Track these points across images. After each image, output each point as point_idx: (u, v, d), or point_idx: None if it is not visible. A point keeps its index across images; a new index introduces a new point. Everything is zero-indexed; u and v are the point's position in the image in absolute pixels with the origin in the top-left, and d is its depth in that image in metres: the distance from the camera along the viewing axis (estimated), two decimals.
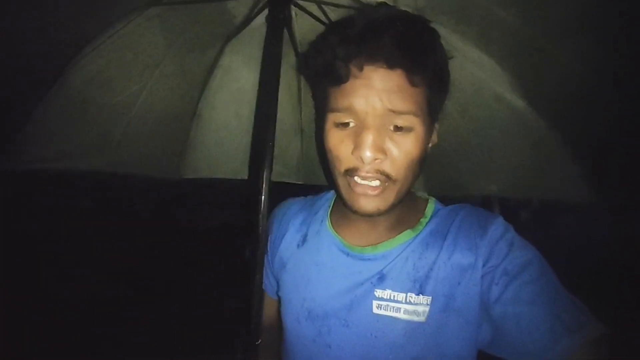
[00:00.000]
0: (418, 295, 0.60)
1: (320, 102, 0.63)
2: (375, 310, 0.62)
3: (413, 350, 0.60)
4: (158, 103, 1.01)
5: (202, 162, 1.22)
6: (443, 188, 1.16)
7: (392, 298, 0.61)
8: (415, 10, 0.68)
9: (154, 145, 1.11)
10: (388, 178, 0.58)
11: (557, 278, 0.57)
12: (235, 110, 1.10)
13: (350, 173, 0.59)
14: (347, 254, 0.67)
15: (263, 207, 0.74)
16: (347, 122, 0.58)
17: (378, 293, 0.62)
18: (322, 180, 1.07)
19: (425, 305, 0.60)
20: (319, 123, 0.65)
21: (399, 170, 0.57)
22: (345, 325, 0.63)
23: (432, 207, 0.69)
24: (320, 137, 0.63)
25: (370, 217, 0.61)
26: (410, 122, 0.56)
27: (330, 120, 0.60)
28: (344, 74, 0.55)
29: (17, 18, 0.68)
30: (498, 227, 0.61)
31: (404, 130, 0.56)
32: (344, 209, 0.68)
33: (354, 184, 0.59)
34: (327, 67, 0.57)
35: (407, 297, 0.61)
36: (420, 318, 0.60)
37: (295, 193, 0.87)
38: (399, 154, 0.57)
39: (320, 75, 0.60)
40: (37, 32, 0.72)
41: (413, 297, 0.61)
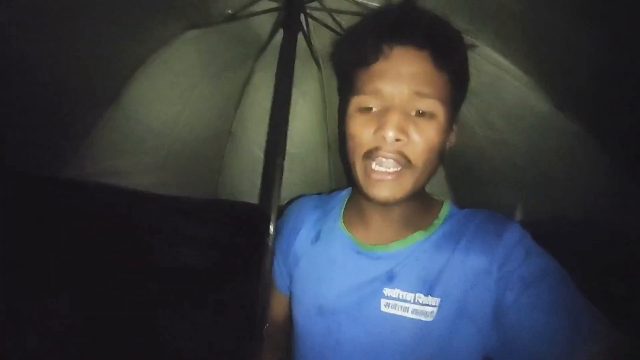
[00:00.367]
0: (427, 296, 0.60)
1: (346, 87, 0.66)
2: (384, 309, 0.62)
3: (420, 350, 0.60)
4: (197, 123, 1.11)
5: (237, 181, 1.28)
6: (470, 205, 1.05)
7: (400, 297, 0.62)
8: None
9: (193, 166, 1.20)
10: (407, 162, 0.58)
11: (574, 286, 0.55)
12: (267, 129, 1.16)
13: (370, 155, 0.59)
14: (358, 252, 0.68)
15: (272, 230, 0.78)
16: (370, 106, 0.59)
17: (387, 292, 0.63)
18: None
19: (434, 306, 0.59)
20: (342, 111, 0.66)
21: (419, 156, 0.58)
22: (354, 322, 0.64)
23: (446, 209, 0.68)
24: (342, 126, 0.66)
25: (386, 205, 0.61)
26: (434, 107, 0.57)
27: (354, 105, 0.61)
28: (374, 54, 0.58)
29: (81, 44, 0.83)
30: (515, 232, 0.60)
31: (427, 116, 0.58)
32: (358, 207, 0.71)
33: (371, 171, 0.59)
34: (358, 48, 0.60)
35: (415, 297, 0.61)
36: (428, 318, 0.59)
37: None
38: (420, 140, 0.57)
39: (351, 57, 0.63)
40: (95, 57, 0.86)
41: (422, 297, 0.61)
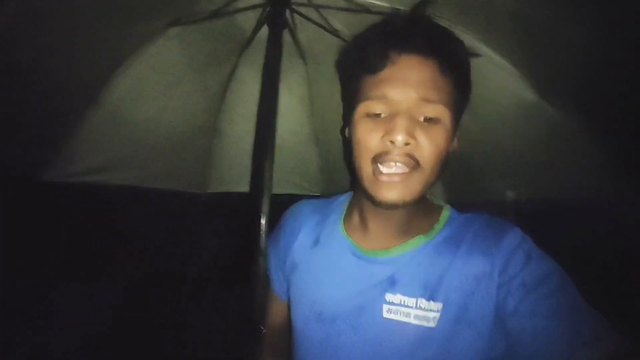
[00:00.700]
0: (429, 301, 0.60)
1: (352, 93, 0.65)
2: (385, 315, 0.61)
3: (421, 355, 0.59)
4: (182, 118, 1.10)
5: (225, 175, 1.28)
6: (461, 194, 1.10)
7: (402, 303, 0.61)
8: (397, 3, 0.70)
9: (180, 160, 1.19)
10: (416, 164, 0.58)
11: (576, 290, 0.55)
12: (252, 122, 1.16)
13: (378, 159, 0.59)
14: (358, 257, 0.67)
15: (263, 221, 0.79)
16: (378, 112, 0.59)
17: (388, 297, 0.62)
18: (342, 190, 1.07)
19: (436, 312, 0.59)
20: (347, 117, 0.67)
21: (427, 159, 0.58)
22: (354, 329, 0.63)
23: (446, 214, 0.68)
24: (347, 132, 0.66)
25: (394, 207, 0.60)
26: (440, 112, 0.58)
27: (361, 111, 0.61)
28: (382, 61, 0.59)
29: (55, 48, 0.80)
30: (515, 236, 0.60)
31: (434, 122, 0.58)
32: (359, 212, 0.70)
33: (379, 174, 0.59)
34: (366, 54, 0.61)
35: (417, 302, 0.60)
36: (430, 324, 0.59)
37: None
38: (428, 143, 0.58)
39: (358, 63, 0.63)
40: (72, 58, 0.84)
41: (424, 302, 0.60)
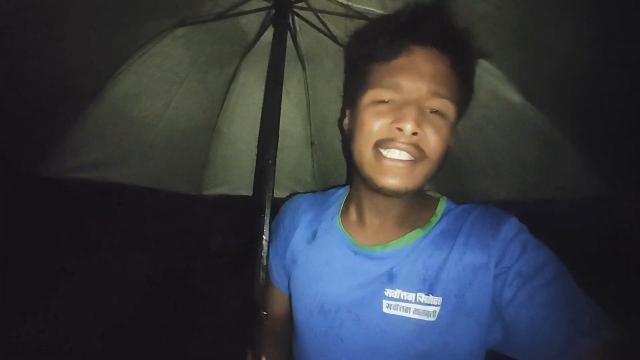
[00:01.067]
0: (428, 296, 0.60)
1: (360, 80, 0.65)
2: (385, 310, 0.62)
3: (422, 347, 0.60)
4: (182, 118, 1.11)
5: (221, 178, 1.29)
6: (449, 193, 1.13)
7: (402, 298, 0.61)
8: (394, 10, 0.73)
9: (177, 159, 1.20)
10: (422, 154, 0.58)
11: (572, 279, 0.55)
12: (251, 126, 1.18)
13: (382, 144, 0.59)
14: (356, 252, 0.68)
15: (266, 222, 0.78)
16: (386, 99, 0.60)
17: (388, 292, 0.62)
18: None
19: (436, 306, 0.59)
20: (350, 105, 0.68)
21: (433, 149, 0.59)
22: (356, 320, 0.64)
23: (443, 206, 0.69)
24: (348, 121, 0.67)
25: (396, 195, 0.60)
26: (447, 107, 0.59)
27: (369, 97, 0.61)
28: (397, 50, 0.59)
29: (62, 39, 0.82)
30: (511, 227, 0.60)
31: (440, 115, 0.59)
32: (356, 206, 0.71)
33: (383, 158, 0.59)
34: (379, 43, 0.60)
35: (417, 297, 0.61)
36: (430, 318, 0.59)
37: None
38: (434, 135, 0.58)
39: (370, 51, 0.62)
40: (78, 51, 0.85)
41: (423, 297, 0.60)
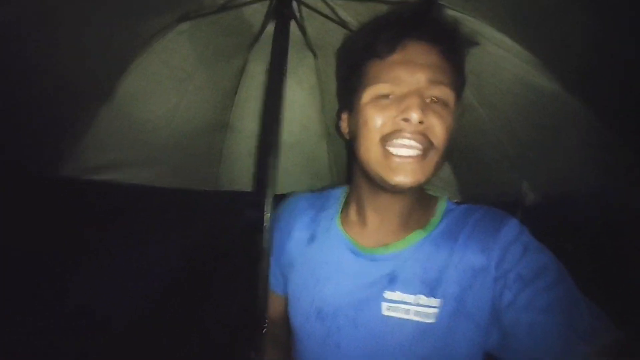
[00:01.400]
0: (429, 298, 0.60)
1: (358, 79, 0.66)
2: (385, 312, 0.62)
3: (421, 351, 0.60)
4: (194, 115, 1.10)
5: (237, 173, 1.28)
6: (476, 187, 1.07)
7: (401, 300, 0.61)
8: None
9: (192, 157, 1.19)
10: (430, 143, 0.58)
11: (572, 282, 0.55)
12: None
13: (388, 140, 0.59)
14: (356, 254, 0.67)
15: (267, 220, 0.75)
16: (387, 94, 0.60)
17: (388, 295, 0.62)
18: None
19: (435, 307, 0.59)
20: (348, 105, 0.68)
21: (440, 138, 0.59)
22: (354, 325, 0.64)
23: (443, 206, 0.68)
24: (347, 122, 0.68)
25: (404, 192, 0.62)
26: (447, 94, 0.60)
27: (369, 94, 0.62)
28: (392, 47, 0.60)
29: (71, 42, 0.81)
30: (512, 229, 0.60)
31: (441, 103, 0.60)
32: (356, 206, 0.70)
33: (390, 156, 0.59)
34: (377, 42, 0.62)
35: (416, 299, 0.60)
36: (430, 320, 0.59)
37: None
38: (439, 123, 0.58)
39: (366, 49, 0.64)
40: (84, 57, 0.84)
41: (423, 299, 0.60)
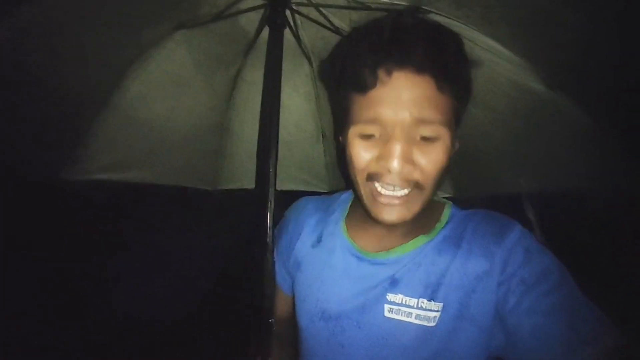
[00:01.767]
0: (430, 301, 0.60)
1: (342, 111, 0.62)
2: (387, 314, 0.62)
3: (423, 354, 0.60)
4: (191, 118, 1.13)
5: (235, 173, 1.31)
6: (471, 187, 1.09)
7: (403, 303, 0.61)
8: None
9: (190, 157, 1.23)
10: (417, 186, 0.57)
11: (576, 285, 0.54)
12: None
13: (374, 178, 0.58)
14: (359, 259, 0.67)
15: (269, 216, 0.77)
16: (371, 134, 0.56)
17: (390, 297, 0.62)
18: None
19: (437, 311, 0.59)
20: (339, 132, 0.65)
21: (427, 178, 0.56)
22: (358, 327, 0.64)
23: (448, 212, 0.68)
24: (340, 147, 0.63)
25: (394, 226, 0.61)
26: (438, 131, 0.55)
27: (352, 132, 0.58)
28: (372, 81, 0.54)
29: (73, 51, 0.84)
30: (514, 233, 0.59)
31: (431, 140, 0.55)
32: (360, 213, 0.69)
33: (378, 194, 0.58)
34: (354, 73, 0.55)
35: (418, 302, 0.61)
36: (431, 323, 0.59)
37: None
38: (427, 163, 0.56)
39: (346, 83, 0.58)
40: (88, 60, 0.87)
41: (425, 302, 0.60)
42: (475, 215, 0.65)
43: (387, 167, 0.54)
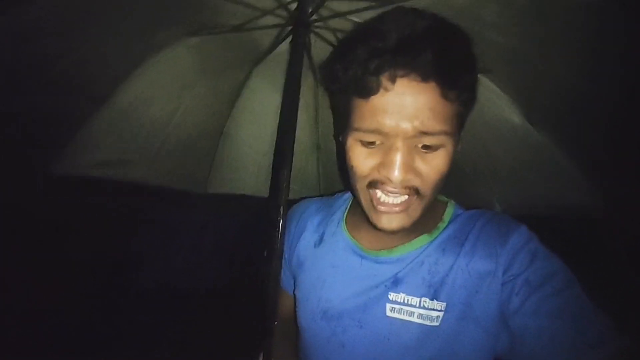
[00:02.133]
0: (432, 301, 0.60)
1: (344, 116, 0.60)
2: (389, 313, 0.62)
3: (426, 354, 0.60)
4: (191, 121, 1.13)
5: (227, 178, 1.32)
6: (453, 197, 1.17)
7: (405, 302, 0.61)
8: None
9: (185, 160, 1.22)
10: (417, 193, 0.57)
11: (582, 289, 0.54)
12: (259, 130, 1.20)
13: (375, 186, 0.57)
14: (362, 257, 0.68)
15: (281, 226, 0.75)
16: (373, 141, 0.55)
17: (392, 296, 0.62)
18: None
19: (439, 311, 0.59)
20: (340, 136, 0.63)
21: (428, 187, 0.56)
22: (359, 326, 0.64)
23: (450, 211, 0.68)
24: (341, 149, 0.62)
25: (394, 233, 0.61)
26: (441, 141, 0.54)
27: (352, 139, 0.58)
28: (375, 86, 0.52)
29: (79, 45, 0.83)
30: (521, 235, 0.59)
31: (433, 149, 0.54)
32: (361, 213, 0.69)
33: (378, 202, 0.58)
34: (356, 77, 0.53)
35: (421, 301, 0.61)
36: (434, 323, 0.59)
37: None
38: (429, 172, 0.55)
39: (348, 88, 0.56)
40: (93, 57, 0.86)
41: (427, 301, 0.60)
42: (482, 216, 0.65)
43: (388, 176, 0.54)
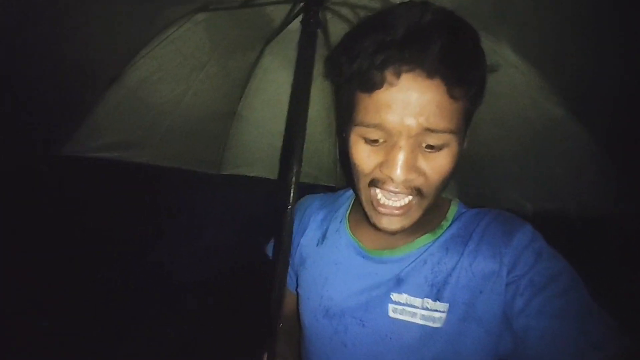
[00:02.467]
0: (435, 302, 0.59)
1: (347, 110, 0.59)
2: (391, 314, 0.61)
3: (428, 354, 0.59)
4: (202, 102, 1.08)
5: (240, 159, 1.29)
6: (475, 200, 1.11)
7: (408, 303, 0.61)
8: None
9: (196, 141, 1.19)
10: (419, 193, 0.55)
11: (586, 290, 0.53)
12: (273, 111, 1.15)
13: (376, 184, 0.56)
14: (364, 257, 0.67)
15: (290, 208, 0.72)
16: (376, 139, 0.54)
17: (394, 297, 0.62)
18: None
19: (442, 312, 0.58)
20: (344, 131, 0.62)
21: (431, 187, 0.55)
22: (361, 325, 0.64)
23: (454, 210, 0.67)
24: (344, 145, 0.61)
25: (393, 234, 0.60)
26: (445, 139, 0.52)
27: (355, 134, 0.56)
28: (379, 81, 0.51)
29: (85, 24, 0.78)
30: (525, 234, 0.58)
31: (438, 148, 0.53)
32: (363, 211, 0.67)
33: (378, 204, 0.57)
34: (360, 71, 0.52)
35: (423, 302, 0.60)
36: (436, 324, 0.58)
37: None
38: (432, 172, 0.54)
39: (352, 81, 0.55)
40: (100, 36, 0.82)
41: (430, 302, 0.59)
42: (486, 215, 0.63)
43: (389, 174, 0.53)
